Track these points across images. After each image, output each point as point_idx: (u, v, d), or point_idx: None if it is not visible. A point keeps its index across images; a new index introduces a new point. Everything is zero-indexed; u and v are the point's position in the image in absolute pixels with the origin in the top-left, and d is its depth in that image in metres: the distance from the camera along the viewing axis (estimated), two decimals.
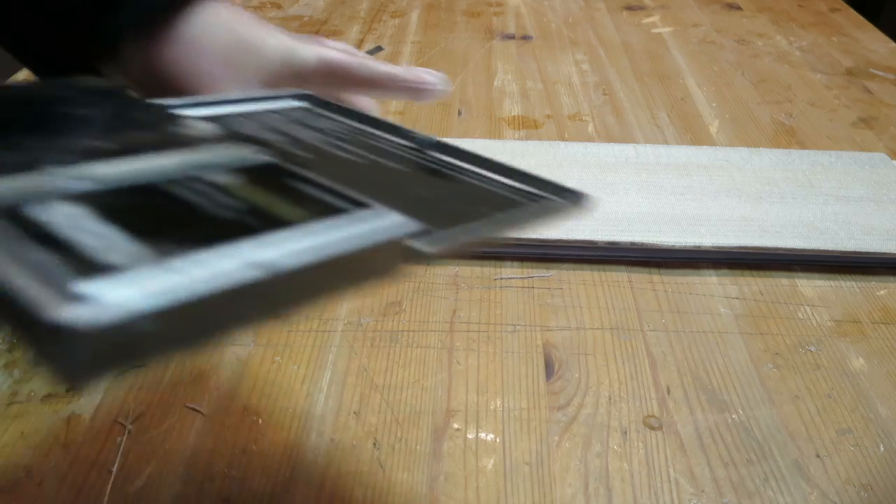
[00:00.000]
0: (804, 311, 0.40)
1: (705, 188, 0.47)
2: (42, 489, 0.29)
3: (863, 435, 0.33)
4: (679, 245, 0.42)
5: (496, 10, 0.82)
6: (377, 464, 0.31)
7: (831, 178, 0.48)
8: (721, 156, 0.50)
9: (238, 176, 0.20)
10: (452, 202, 0.26)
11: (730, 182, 0.48)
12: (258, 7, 0.80)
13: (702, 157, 0.50)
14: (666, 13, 0.83)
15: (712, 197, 0.46)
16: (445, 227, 0.21)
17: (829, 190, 0.47)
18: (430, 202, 0.25)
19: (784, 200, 0.46)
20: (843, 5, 0.88)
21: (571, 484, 0.31)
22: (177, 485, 0.30)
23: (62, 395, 0.33)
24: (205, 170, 0.20)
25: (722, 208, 0.45)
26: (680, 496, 0.30)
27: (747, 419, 0.34)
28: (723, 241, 0.42)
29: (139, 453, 0.31)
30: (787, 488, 0.31)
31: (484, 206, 0.25)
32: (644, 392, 0.35)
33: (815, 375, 0.36)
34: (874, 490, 0.31)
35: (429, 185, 0.27)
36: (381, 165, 0.28)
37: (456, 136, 0.56)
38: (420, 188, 0.26)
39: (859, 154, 0.51)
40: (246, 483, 0.30)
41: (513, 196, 0.26)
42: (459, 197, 0.26)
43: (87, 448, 0.31)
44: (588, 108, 0.61)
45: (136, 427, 0.32)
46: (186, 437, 0.32)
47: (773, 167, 0.49)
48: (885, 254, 0.42)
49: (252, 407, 0.33)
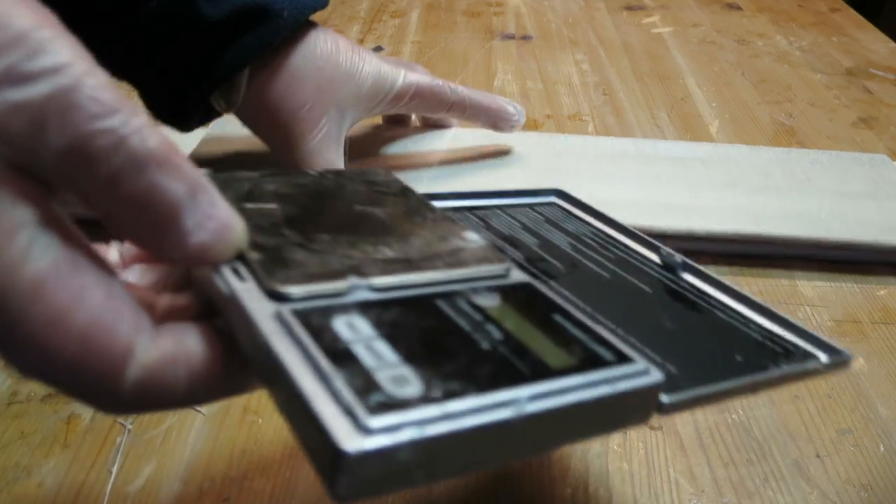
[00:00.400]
0: (804, 311, 0.40)
1: (702, 180, 0.47)
2: (42, 489, 0.29)
3: (863, 435, 0.33)
4: (671, 230, 0.42)
5: (496, 9, 0.82)
6: None
7: (829, 175, 0.48)
8: (720, 152, 0.51)
9: (496, 296, 0.21)
10: (703, 341, 0.25)
11: (726, 175, 0.48)
12: None
13: (700, 152, 0.50)
14: (666, 13, 0.83)
15: (708, 188, 0.46)
16: (695, 378, 0.22)
17: (827, 186, 0.47)
18: (679, 338, 0.25)
19: (780, 193, 0.46)
20: (843, 5, 0.88)
21: (571, 484, 0.31)
22: (176, 485, 0.30)
23: (62, 395, 0.33)
24: (469, 284, 0.22)
25: (717, 199, 0.45)
26: (680, 496, 0.30)
27: (747, 419, 0.34)
28: (715, 228, 0.42)
29: (139, 453, 0.31)
30: (787, 488, 0.31)
31: (738, 353, 0.24)
32: None
33: None
34: (874, 490, 0.31)
35: (676, 315, 0.26)
36: (628, 284, 0.28)
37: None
38: (668, 318, 0.26)
39: (860, 154, 0.51)
40: (246, 483, 0.30)
41: (765, 342, 0.25)
42: (709, 334, 0.26)
43: (87, 448, 0.31)
44: (588, 107, 0.61)
45: (136, 427, 0.32)
46: (186, 437, 0.32)
47: (770, 163, 0.49)
48: (880, 245, 0.42)
49: (252, 407, 0.33)
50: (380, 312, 0.19)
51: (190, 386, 0.19)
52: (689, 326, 0.26)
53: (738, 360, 0.24)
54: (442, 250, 0.23)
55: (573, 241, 0.31)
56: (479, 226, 0.30)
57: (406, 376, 0.17)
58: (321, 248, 0.21)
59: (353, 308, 0.19)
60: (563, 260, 0.29)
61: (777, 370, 0.24)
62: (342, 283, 0.20)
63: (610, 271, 0.29)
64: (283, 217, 0.23)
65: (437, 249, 0.23)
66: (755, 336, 0.26)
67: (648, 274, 0.29)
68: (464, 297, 0.21)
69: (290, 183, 0.26)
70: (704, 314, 0.27)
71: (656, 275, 0.29)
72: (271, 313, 0.18)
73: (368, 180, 0.27)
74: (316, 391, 0.16)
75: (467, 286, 0.22)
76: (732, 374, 0.22)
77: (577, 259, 0.29)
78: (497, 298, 0.21)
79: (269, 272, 0.19)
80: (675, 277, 0.29)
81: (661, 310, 0.27)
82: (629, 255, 0.31)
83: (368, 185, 0.27)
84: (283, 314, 0.18)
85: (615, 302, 0.26)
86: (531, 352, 0.19)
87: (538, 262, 0.28)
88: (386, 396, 0.16)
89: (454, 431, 0.16)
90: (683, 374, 0.22)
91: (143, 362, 0.18)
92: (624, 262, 0.30)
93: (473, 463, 0.17)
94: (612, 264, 0.29)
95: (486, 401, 0.16)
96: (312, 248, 0.21)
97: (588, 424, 0.18)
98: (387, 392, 0.16)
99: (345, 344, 0.17)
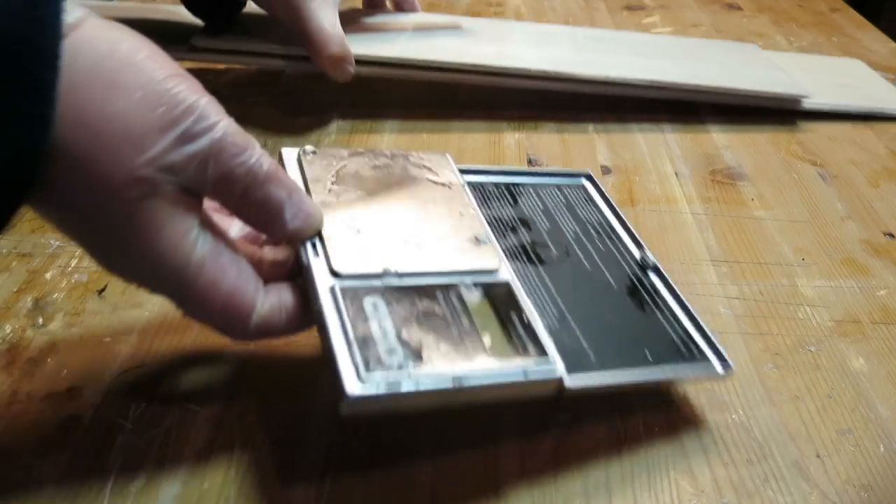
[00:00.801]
0: (804, 311, 0.40)
1: (619, 49, 0.62)
2: (42, 489, 0.29)
3: (863, 435, 0.33)
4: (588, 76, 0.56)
5: (496, 9, 0.82)
6: (377, 463, 0.31)
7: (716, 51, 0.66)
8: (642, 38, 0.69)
9: (479, 292, 0.30)
10: (630, 337, 0.32)
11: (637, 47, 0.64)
12: None
13: (625, 37, 0.67)
14: (666, 13, 0.83)
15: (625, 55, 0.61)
16: (604, 367, 0.30)
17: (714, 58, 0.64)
18: (613, 332, 0.32)
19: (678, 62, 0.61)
20: (843, 5, 0.88)
21: (571, 484, 0.31)
22: (177, 485, 0.30)
23: (62, 395, 0.33)
24: (464, 277, 0.30)
25: (634, 61, 0.60)
26: (680, 496, 0.30)
27: (747, 419, 0.34)
28: (629, 75, 0.57)
29: (139, 453, 0.31)
30: (787, 488, 0.31)
31: (651, 351, 0.32)
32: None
33: (815, 375, 0.36)
34: (874, 490, 0.31)
35: (623, 311, 0.33)
36: (601, 278, 0.35)
37: (456, 133, 0.56)
38: (615, 314, 0.33)
39: (735, 43, 0.70)
40: (246, 483, 0.30)
41: (679, 344, 0.33)
42: (638, 332, 0.33)
43: (87, 448, 0.31)
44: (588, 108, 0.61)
45: (136, 427, 0.32)
46: (186, 437, 0.32)
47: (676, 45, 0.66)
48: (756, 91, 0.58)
49: (252, 406, 0.33)
50: (397, 296, 0.28)
51: (286, 325, 0.29)
52: (627, 323, 0.33)
53: (648, 358, 0.31)
54: (456, 248, 0.31)
55: (579, 228, 0.37)
56: (509, 202, 0.38)
57: (395, 349, 0.26)
58: (372, 237, 0.31)
59: (380, 291, 0.28)
60: (560, 247, 0.36)
61: (670, 372, 0.31)
62: (378, 270, 0.29)
63: (593, 263, 0.35)
64: (353, 202, 0.32)
65: (453, 246, 0.31)
66: (674, 338, 0.33)
67: (623, 270, 0.36)
68: (455, 290, 0.29)
69: (369, 164, 0.35)
70: (647, 314, 0.34)
71: (629, 272, 0.36)
72: (328, 286, 0.28)
73: (426, 166, 0.36)
74: (341, 349, 0.26)
75: (462, 279, 0.30)
76: (633, 368, 0.30)
77: (572, 248, 0.36)
78: (479, 294, 0.30)
79: (332, 254, 0.29)
80: (643, 276, 0.36)
81: (614, 305, 0.33)
82: (618, 248, 0.37)
83: (426, 170, 0.36)
84: (334, 289, 0.28)
85: (581, 293, 0.33)
86: (483, 342, 0.28)
87: (540, 246, 0.35)
88: (379, 362, 0.26)
89: (412, 392, 0.26)
90: (597, 363, 0.30)
91: (261, 313, 0.28)
92: (610, 255, 0.36)
93: (426, 408, 0.27)
94: (598, 256, 0.36)
95: (437, 373, 0.26)
96: (366, 236, 0.31)
97: (503, 394, 0.28)
98: (381, 359, 0.26)
99: (366, 318, 0.27)
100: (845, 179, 0.53)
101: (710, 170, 0.53)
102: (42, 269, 0.41)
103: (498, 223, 0.36)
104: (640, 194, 0.50)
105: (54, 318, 0.37)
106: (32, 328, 0.37)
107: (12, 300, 0.38)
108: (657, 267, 0.36)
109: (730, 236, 0.46)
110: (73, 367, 0.35)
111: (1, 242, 0.43)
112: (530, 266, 0.34)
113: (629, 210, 0.48)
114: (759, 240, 0.46)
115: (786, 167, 0.54)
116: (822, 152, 0.56)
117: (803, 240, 0.46)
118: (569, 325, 0.31)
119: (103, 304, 0.38)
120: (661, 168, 0.53)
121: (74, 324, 0.37)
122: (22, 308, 0.38)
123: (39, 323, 0.37)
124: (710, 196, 0.50)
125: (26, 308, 0.38)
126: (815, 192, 0.51)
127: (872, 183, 0.53)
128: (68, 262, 0.41)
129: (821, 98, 0.61)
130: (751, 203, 0.49)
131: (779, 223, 0.48)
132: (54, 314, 0.38)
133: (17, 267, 0.41)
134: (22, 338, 0.36)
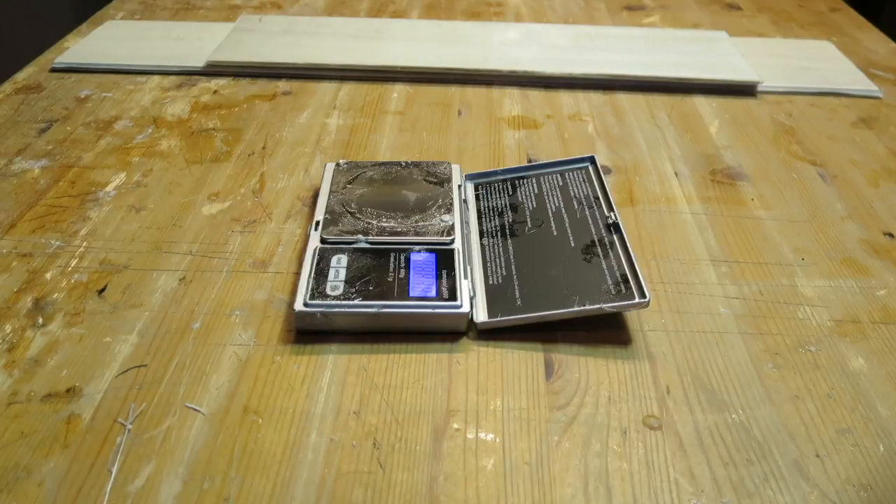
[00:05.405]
0: (804, 311, 0.40)
1: (595, 46, 0.70)
2: (42, 489, 0.29)
3: (863, 435, 0.33)
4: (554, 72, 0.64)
5: (496, 9, 0.82)
6: (377, 464, 0.31)
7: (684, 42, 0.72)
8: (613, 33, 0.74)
9: (428, 254, 0.39)
10: (565, 284, 0.38)
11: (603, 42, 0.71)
12: (258, 7, 0.80)
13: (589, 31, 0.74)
14: (666, 13, 0.83)
15: (590, 52, 0.69)
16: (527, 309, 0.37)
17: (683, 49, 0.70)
18: (551, 282, 0.38)
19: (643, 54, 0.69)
20: (843, 5, 0.88)
21: (571, 484, 0.31)
22: (177, 485, 0.30)
23: (62, 395, 0.33)
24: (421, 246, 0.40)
25: (594, 57, 0.67)
26: (680, 496, 0.30)
27: (747, 419, 0.34)
28: (588, 70, 0.64)
29: (139, 453, 0.31)
30: (786, 488, 0.31)
31: (582, 294, 0.37)
32: (644, 392, 0.35)
33: (815, 375, 0.36)
34: (874, 490, 0.31)
35: (570, 264, 0.39)
36: (563, 240, 0.41)
37: (456, 133, 0.56)
38: (561, 267, 0.39)
39: (703, 31, 0.75)
40: (246, 483, 0.30)
41: (612, 287, 0.37)
42: (575, 279, 0.38)
43: (87, 448, 0.31)
44: (588, 108, 0.61)
45: (136, 427, 0.32)
46: (186, 437, 0.32)
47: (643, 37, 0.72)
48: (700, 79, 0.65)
49: (252, 407, 0.33)
50: (359, 255, 0.39)
51: None
52: (566, 274, 0.39)
53: (573, 298, 0.37)
54: (422, 223, 0.41)
55: (564, 203, 0.44)
56: (507, 193, 0.46)
57: (339, 287, 0.37)
58: (361, 217, 0.42)
59: (349, 251, 0.39)
60: (536, 221, 0.43)
61: (589, 307, 0.36)
62: (352, 237, 0.40)
63: (562, 230, 0.42)
64: (358, 196, 0.44)
65: (421, 223, 0.41)
66: (608, 282, 0.38)
67: (588, 231, 0.41)
68: (405, 254, 0.39)
69: (384, 171, 0.46)
70: (592, 265, 0.39)
71: (594, 232, 0.41)
72: (316, 247, 0.40)
73: (430, 171, 0.46)
74: (304, 282, 0.37)
75: (418, 247, 0.40)
76: (552, 310, 0.37)
77: (548, 221, 0.43)
78: (426, 255, 0.39)
79: (324, 228, 0.41)
80: (607, 235, 0.41)
81: (563, 261, 0.40)
82: (593, 215, 0.43)
83: (427, 174, 0.46)
84: (317, 248, 0.39)
85: (534, 256, 0.40)
86: (409, 287, 0.37)
87: (518, 224, 0.43)
88: (323, 294, 0.37)
89: (341, 312, 0.36)
90: (521, 307, 0.37)
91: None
92: (583, 221, 0.42)
93: (357, 327, 0.37)
94: (570, 224, 0.42)
95: (364, 304, 0.36)
96: (357, 216, 0.42)
97: (419, 323, 0.37)
98: (325, 292, 0.37)
99: (328, 267, 0.38)
100: (845, 179, 0.53)
101: (710, 170, 0.53)
102: (42, 269, 0.41)
103: (489, 211, 0.45)
104: (640, 194, 0.50)
105: (54, 318, 0.37)
106: (32, 328, 0.37)
107: (12, 300, 0.38)
108: (617, 224, 0.41)
109: (730, 236, 0.46)
110: (73, 367, 0.35)
111: (1, 242, 0.43)
112: (500, 240, 0.42)
113: (629, 210, 0.48)
114: (758, 239, 0.46)
115: (786, 167, 0.54)
116: (821, 152, 0.56)
117: (803, 240, 0.46)
118: (511, 281, 0.39)
119: (103, 304, 0.38)
120: (661, 168, 0.53)
121: (74, 324, 0.37)
122: (22, 308, 0.38)
123: (39, 323, 0.37)
124: (709, 196, 0.50)
125: (26, 308, 0.38)
126: (814, 191, 0.51)
127: (872, 183, 0.53)
128: (68, 262, 0.41)
129: (777, 81, 0.67)
130: (751, 203, 0.50)
131: (779, 223, 0.48)
132: (54, 314, 0.38)
133: (17, 267, 0.41)
134: (22, 338, 0.36)
